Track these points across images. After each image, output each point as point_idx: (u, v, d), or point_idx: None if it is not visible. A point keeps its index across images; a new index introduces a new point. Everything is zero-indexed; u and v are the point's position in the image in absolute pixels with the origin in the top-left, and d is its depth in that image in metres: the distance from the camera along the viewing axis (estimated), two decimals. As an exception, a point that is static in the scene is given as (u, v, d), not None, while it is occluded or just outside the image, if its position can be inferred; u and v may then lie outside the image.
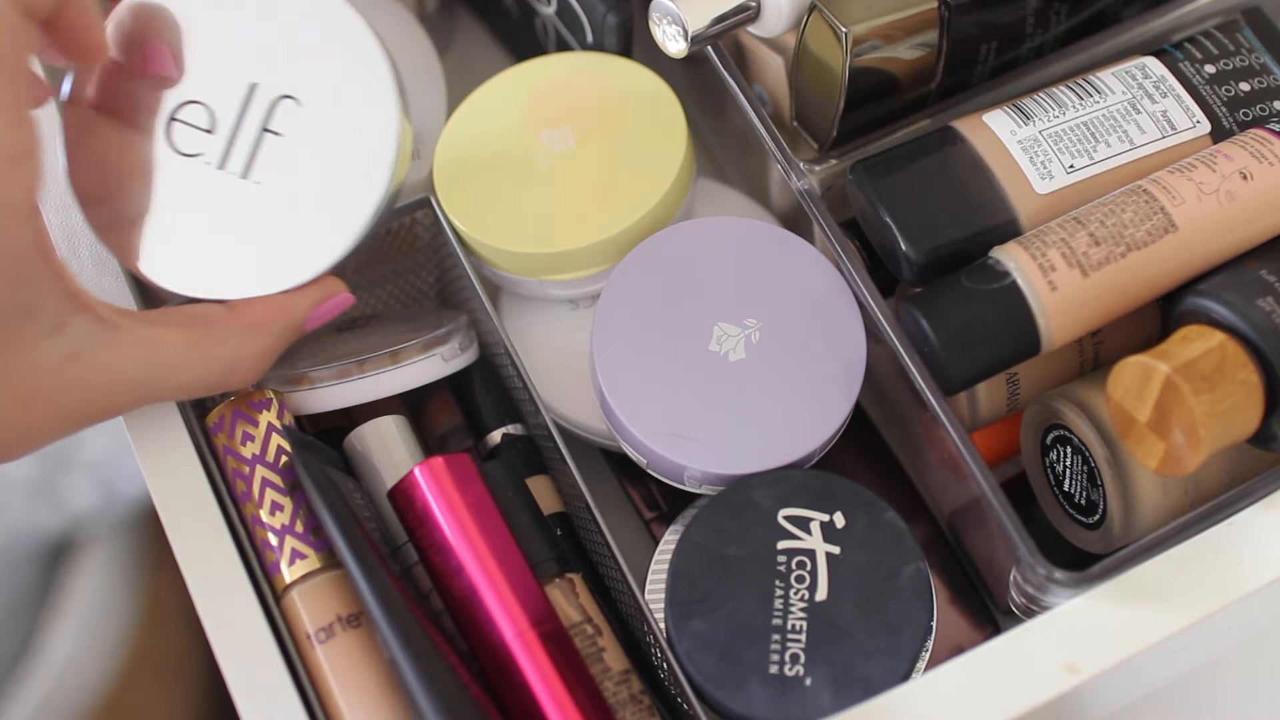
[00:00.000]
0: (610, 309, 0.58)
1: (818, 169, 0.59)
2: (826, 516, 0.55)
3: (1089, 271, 0.53)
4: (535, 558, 0.57)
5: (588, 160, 0.62)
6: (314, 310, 0.57)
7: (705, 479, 0.57)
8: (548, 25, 0.68)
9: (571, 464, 0.58)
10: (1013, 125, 0.57)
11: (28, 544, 0.85)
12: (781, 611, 0.53)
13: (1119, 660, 0.51)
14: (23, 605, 0.84)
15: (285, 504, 0.55)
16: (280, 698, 0.52)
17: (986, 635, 0.63)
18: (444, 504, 0.54)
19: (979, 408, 0.59)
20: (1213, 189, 0.54)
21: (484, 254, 0.62)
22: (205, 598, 0.53)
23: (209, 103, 0.57)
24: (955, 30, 0.59)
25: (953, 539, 0.64)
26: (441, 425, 0.65)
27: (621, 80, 0.63)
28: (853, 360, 0.58)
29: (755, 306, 0.58)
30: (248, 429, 0.56)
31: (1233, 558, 0.52)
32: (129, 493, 0.86)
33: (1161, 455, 0.51)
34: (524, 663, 0.52)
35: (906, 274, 0.57)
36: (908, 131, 0.60)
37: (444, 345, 0.60)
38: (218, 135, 0.57)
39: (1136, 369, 0.51)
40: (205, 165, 0.57)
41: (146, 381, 0.52)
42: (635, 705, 0.55)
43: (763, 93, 0.65)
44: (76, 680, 0.83)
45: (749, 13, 0.59)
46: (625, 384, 0.57)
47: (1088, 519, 0.58)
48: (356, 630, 0.54)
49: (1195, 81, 0.59)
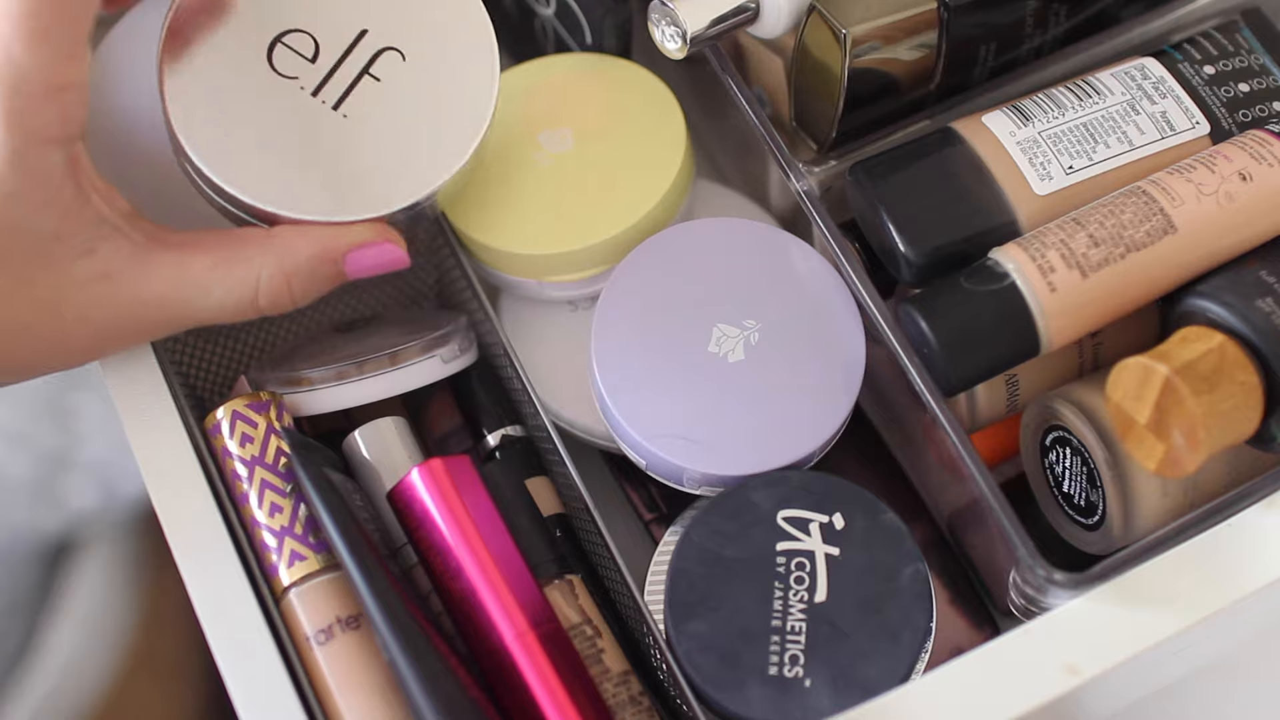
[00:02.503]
0: (609, 310, 0.58)
1: (817, 170, 0.59)
2: (826, 518, 0.55)
3: (1088, 273, 0.53)
4: (535, 559, 0.57)
5: (587, 161, 0.62)
6: (355, 251, 0.56)
7: (704, 480, 0.57)
8: (546, 26, 0.68)
9: (571, 465, 0.58)
10: (1012, 126, 0.57)
11: (28, 544, 0.85)
12: (781, 613, 0.53)
13: (1119, 661, 0.51)
14: (23, 605, 0.84)
15: (284, 506, 0.55)
16: (280, 700, 0.52)
17: (986, 636, 0.63)
18: (443, 506, 0.54)
19: (978, 409, 0.59)
20: (1212, 190, 0.54)
21: (483, 255, 0.62)
22: (205, 600, 0.53)
23: (317, 36, 0.57)
24: (954, 31, 0.59)
25: (952, 540, 0.64)
26: (441, 427, 0.65)
27: (621, 81, 0.63)
28: (852, 361, 0.58)
29: (754, 308, 0.58)
30: (247, 430, 0.56)
31: (1232, 559, 0.52)
32: (129, 493, 0.86)
33: (1161, 456, 0.51)
34: (523, 664, 0.52)
35: (905, 275, 0.57)
36: (907, 133, 0.60)
37: (443, 347, 0.60)
38: (318, 66, 0.57)
39: (1136, 370, 0.51)
40: (299, 89, 0.57)
41: (177, 301, 0.54)
42: (634, 706, 0.55)
43: (762, 94, 0.65)
44: (76, 680, 0.83)
45: (748, 14, 0.59)
46: (624, 385, 0.57)
47: (1087, 520, 0.58)
48: (356, 632, 0.54)
49: (1194, 82, 0.59)
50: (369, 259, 0.56)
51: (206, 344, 0.64)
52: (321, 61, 0.57)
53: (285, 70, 0.57)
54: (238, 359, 0.65)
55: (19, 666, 0.82)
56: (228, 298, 0.54)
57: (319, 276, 0.55)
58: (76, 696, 0.83)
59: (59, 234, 0.52)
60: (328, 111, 0.57)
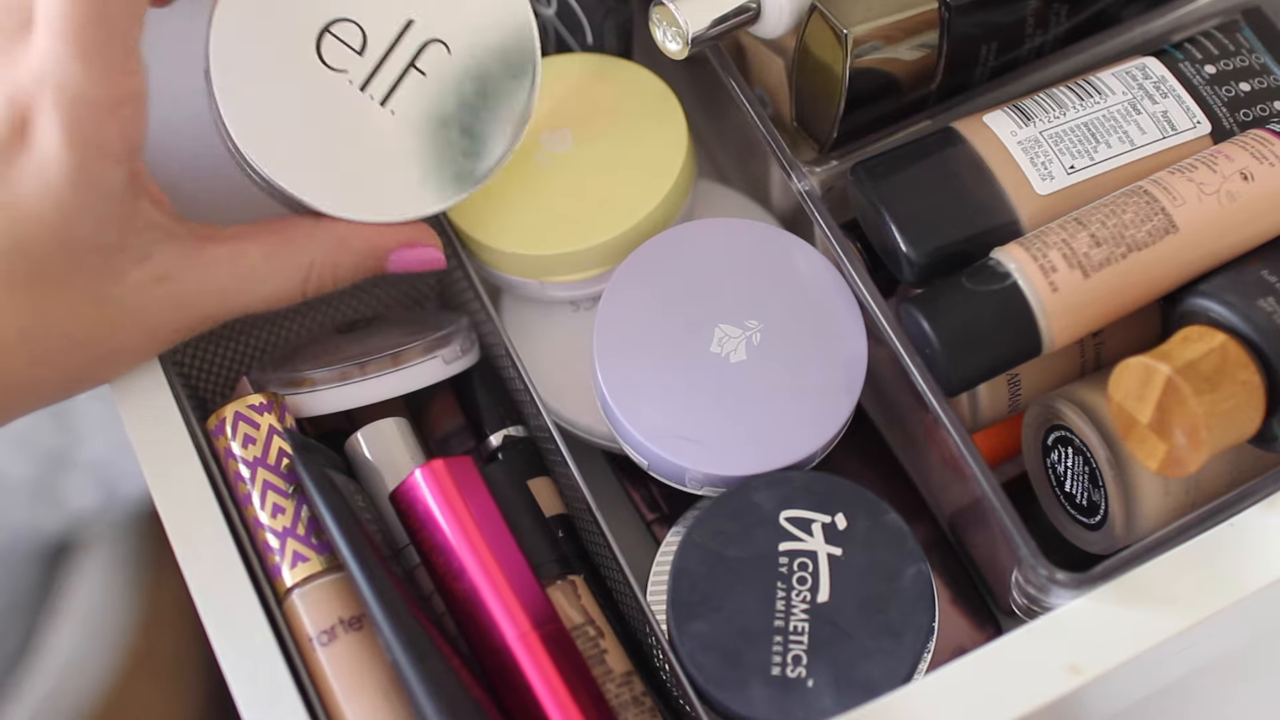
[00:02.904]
0: (611, 310, 0.58)
1: (818, 170, 0.59)
2: (828, 518, 0.55)
3: (1090, 272, 0.53)
4: (537, 559, 0.57)
5: (588, 162, 0.62)
6: (400, 251, 0.58)
7: (707, 481, 0.57)
8: (548, 27, 0.68)
9: (573, 466, 0.58)
10: (1013, 126, 0.57)
11: (28, 544, 0.85)
12: (783, 613, 0.53)
13: (1121, 661, 0.51)
14: (23, 605, 0.84)
15: (287, 507, 0.55)
16: (282, 701, 0.52)
17: (988, 636, 0.63)
18: (445, 506, 0.54)
19: (980, 408, 0.59)
20: (1213, 189, 0.54)
21: (485, 256, 0.62)
22: (207, 602, 0.53)
23: (365, 26, 0.57)
24: (955, 31, 0.59)
25: (954, 540, 0.64)
26: (443, 427, 0.65)
27: (622, 82, 0.63)
28: (854, 361, 0.58)
29: (756, 308, 0.58)
30: (249, 431, 0.56)
31: (1234, 558, 0.53)
32: (129, 493, 0.86)
33: (1163, 456, 0.51)
34: (526, 664, 0.52)
35: (907, 275, 0.57)
36: (908, 132, 0.60)
37: (445, 347, 0.60)
38: (366, 58, 0.57)
39: (1138, 370, 0.51)
40: (348, 83, 0.57)
41: (234, 293, 0.55)
42: (637, 707, 0.55)
43: (763, 94, 0.65)
44: (76, 680, 0.83)
45: (749, 14, 0.59)
46: (626, 385, 0.57)
47: (1089, 520, 0.58)
48: (358, 633, 0.54)
49: (1195, 82, 0.59)
50: (411, 259, 0.58)
51: (208, 345, 0.64)
52: (370, 54, 0.57)
53: (334, 63, 0.57)
54: (240, 360, 0.65)
55: (19, 666, 0.82)
56: (281, 285, 0.56)
57: (363, 269, 0.58)
58: (76, 696, 0.83)
59: (121, 246, 0.52)
60: (376, 108, 0.57)
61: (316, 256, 0.56)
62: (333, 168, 0.57)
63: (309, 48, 0.57)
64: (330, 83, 0.57)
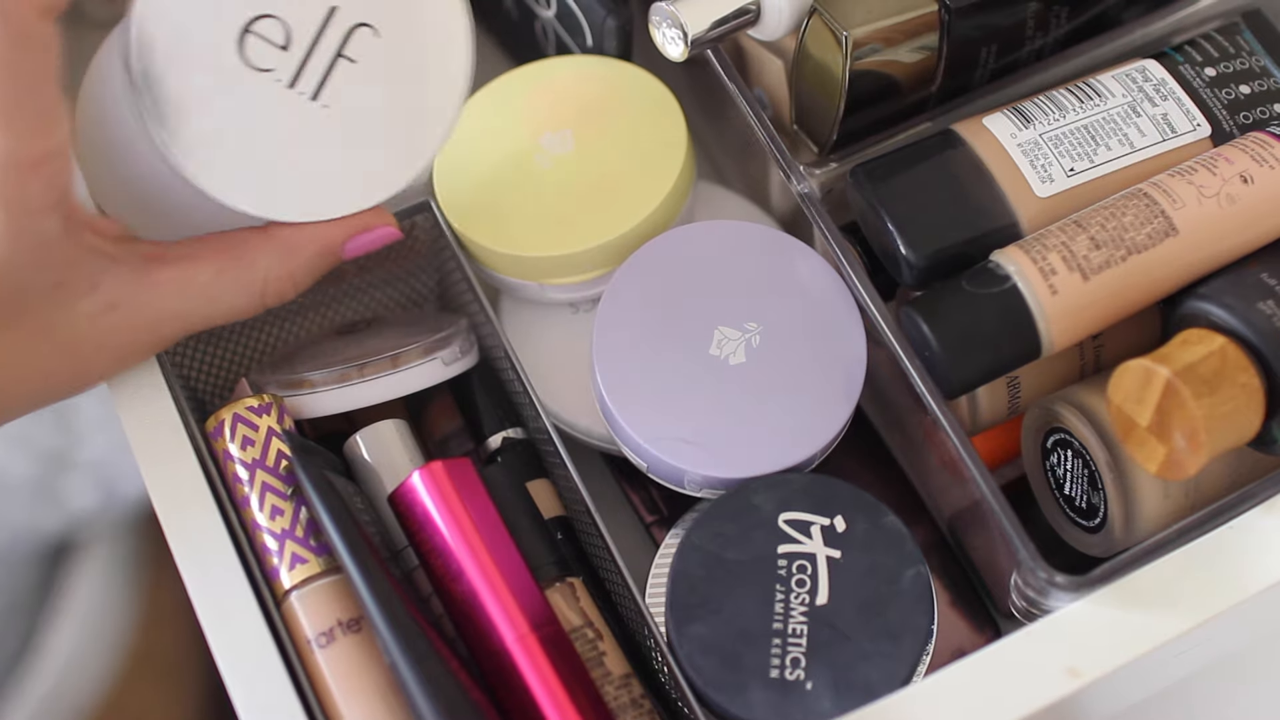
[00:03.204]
0: (610, 312, 0.58)
1: (818, 172, 0.59)
2: (827, 520, 0.55)
3: (1089, 275, 0.53)
4: (536, 561, 0.57)
5: (588, 163, 0.62)
6: (353, 239, 0.57)
7: (706, 483, 0.57)
8: (547, 28, 0.68)
9: (572, 468, 0.58)
10: (1013, 128, 0.57)
11: (28, 544, 0.85)
12: (782, 615, 0.53)
13: (1120, 664, 0.51)
14: (23, 605, 0.84)
15: (285, 508, 0.55)
16: (281, 703, 0.52)
17: (987, 639, 0.63)
18: (444, 508, 0.54)
19: (979, 411, 0.59)
20: (1213, 192, 0.54)
21: (484, 257, 0.62)
22: (206, 603, 0.53)
23: (286, 19, 0.55)
24: (955, 33, 0.59)
25: (953, 542, 0.64)
26: (442, 429, 0.65)
27: (621, 83, 0.63)
28: (853, 364, 0.58)
29: (756, 310, 0.58)
30: (248, 433, 0.56)
31: (1234, 561, 0.53)
32: (129, 493, 0.86)
33: (1162, 459, 0.51)
34: (525, 666, 0.52)
35: (907, 277, 0.57)
36: (908, 135, 0.60)
37: (444, 349, 0.60)
38: (291, 54, 0.56)
39: (1137, 372, 0.51)
40: (276, 82, 0.55)
41: (186, 313, 0.55)
42: (636, 709, 0.55)
43: (763, 96, 0.65)
44: (76, 680, 0.83)
45: (749, 16, 0.59)
46: (626, 388, 0.57)
47: (1088, 522, 0.58)
48: (357, 635, 0.54)
49: (1195, 84, 0.59)
50: (366, 243, 0.57)
51: (207, 346, 0.64)
52: (295, 48, 0.56)
53: (259, 63, 0.55)
54: (238, 361, 0.65)
55: (19, 666, 0.83)
56: (236, 302, 0.56)
57: (321, 269, 0.57)
58: (76, 696, 0.83)
59: (65, 281, 0.52)
60: (307, 103, 0.55)
61: (270, 269, 0.56)
62: (273, 173, 0.55)
63: (230, 51, 0.55)
64: (257, 84, 0.55)
